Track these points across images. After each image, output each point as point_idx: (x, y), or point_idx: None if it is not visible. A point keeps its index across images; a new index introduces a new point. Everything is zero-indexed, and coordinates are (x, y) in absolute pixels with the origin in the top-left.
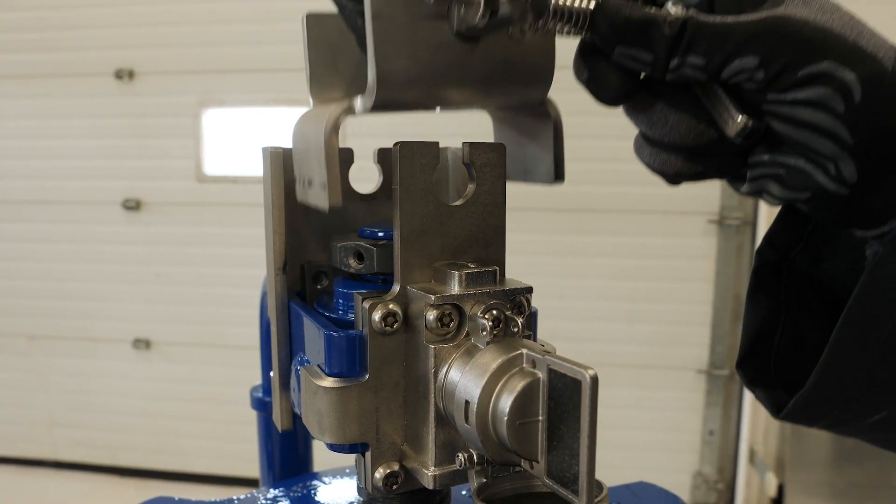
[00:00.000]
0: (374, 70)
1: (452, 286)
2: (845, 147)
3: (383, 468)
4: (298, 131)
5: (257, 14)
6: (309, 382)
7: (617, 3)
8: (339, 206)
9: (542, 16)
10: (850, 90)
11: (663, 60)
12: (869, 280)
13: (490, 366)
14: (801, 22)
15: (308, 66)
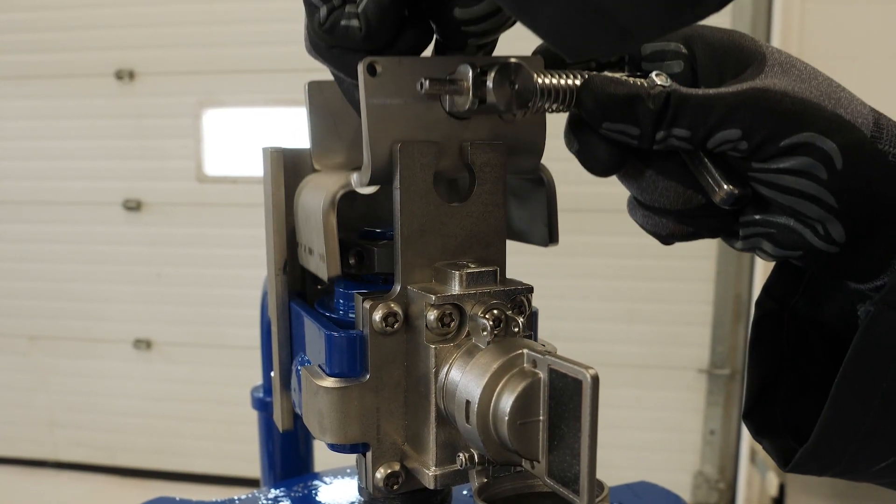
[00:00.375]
0: (368, 149)
1: (453, 286)
2: (831, 210)
3: (384, 468)
4: (302, 198)
5: (257, 15)
6: (310, 382)
7: (602, 80)
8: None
9: (527, 104)
10: (832, 158)
11: (650, 133)
12: (863, 338)
13: (491, 366)
14: (781, 93)
15: (310, 131)
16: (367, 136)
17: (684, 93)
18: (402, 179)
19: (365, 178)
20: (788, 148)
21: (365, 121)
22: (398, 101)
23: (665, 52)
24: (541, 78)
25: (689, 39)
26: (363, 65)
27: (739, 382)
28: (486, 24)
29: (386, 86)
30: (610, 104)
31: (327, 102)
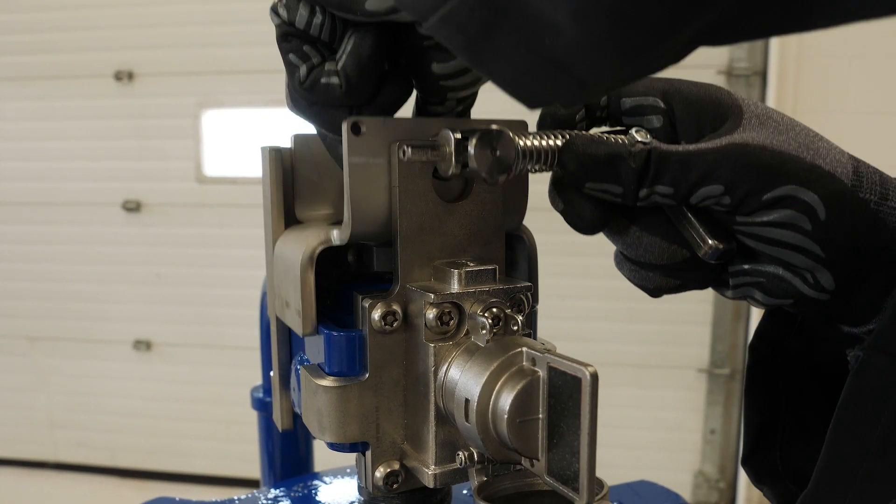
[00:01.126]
0: (349, 209)
1: (452, 284)
2: (819, 260)
3: (384, 467)
4: (281, 250)
5: (257, 15)
6: (309, 382)
7: (582, 141)
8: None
9: (509, 170)
10: (815, 209)
11: (633, 191)
12: (855, 383)
13: (490, 364)
14: (760, 147)
15: (294, 183)
16: (349, 195)
17: (665, 150)
18: (402, 179)
19: (345, 236)
20: (771, 201)
21: (347, 180)
22: (381, 161)
23: (644, 107)
24: (522, 141)
25: (666, 94)
26: (347, 124)
27: (739, 382)
28: (463, 79)
29: (369, 145)
30: (592, 164)
31: (311, 155)
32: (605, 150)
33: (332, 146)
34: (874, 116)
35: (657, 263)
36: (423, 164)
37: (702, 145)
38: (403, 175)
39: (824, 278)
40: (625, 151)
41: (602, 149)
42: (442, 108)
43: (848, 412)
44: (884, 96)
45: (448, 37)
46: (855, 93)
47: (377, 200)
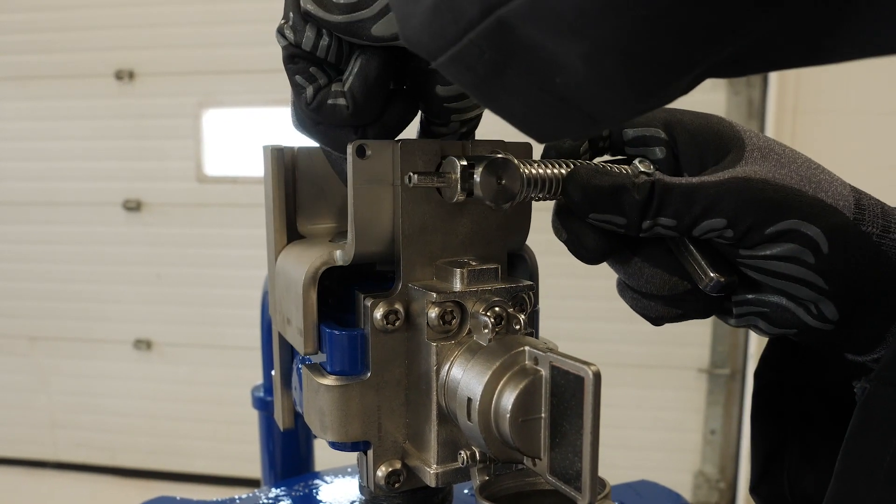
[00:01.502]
0: (353, 230)
1: (454, 283)
2: (822, 292)
3: (385, 466)
4: (283, 266)
5: (257, 15)
6: (311, 380)
7: (587, 172)
8: (314, 353)
9: (514, 199)
10: (818, 243)
11: (636, 222)
12: (862, 415)
13: (492, 363)
14: (762, 182)
15: (295, 196)
16: (353, 217)
17: (668, 182)
18: (404, 178)
19: (348, 256)
20: (774, 235)
21: (352, 201)
22: (386, 183)
23: (647, 139)
24: (527, 169)
25: (668, 125)
26: (352, 147)
27: (740, 382)
28: (467, 101)
29: (374, 168)
30: (596, 195)
31: (314, 168)
32: (609, 182)
33: (337, 163)
34: (875, 116)
35: (658, 294)
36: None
37: (705, 178)
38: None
39: (828, 310)
40: (628, 182)
41: (606, 180)
42: (446, 129)
43: (856, 443)
44: (884, 96)
45: (457, 75)
46: (856, 93)
47: (381, 222)
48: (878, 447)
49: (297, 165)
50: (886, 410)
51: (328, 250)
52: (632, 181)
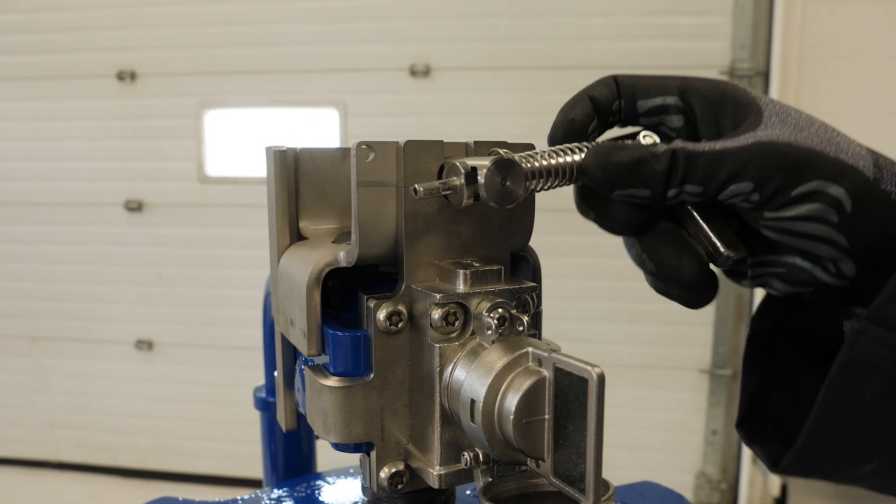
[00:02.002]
0: (356, 231)
1: (458, 285)
2: (843, 250)
3: (388, 467)
4: (286, 267)
5: (258, 16)
6: (313, 382)
7: (605, 149)
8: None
9: (517, 199)
10: (841, 202)
11: (661, 193)
12: (849, 352)
13: (496, 364)
14: (786, 145)
15: (298, 197)
16: (357, 218)
17: (693, 150)
18: (407, 178)
19: (352, 258)
20: (800, 196)
21: (355, 203)
22: (390, 185)
23: (664, 107)
24: (537, 162)
25: (684, 93)
26: (356, 147)
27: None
28: None
29: (379, 169)
30: (617, 172)
31: (318, 169)
32: (628, 156)
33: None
34: (876, 117)
35: (670, 277)
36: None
37: (728, 143)
38: (408, 176)
39: (846, 267)
40: (648, 154)
41: (625, 155)
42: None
43: (839, 378)
44: (886, 97)
45: None
46: (857, 93)
47: (385, 223)
48: (861, 382)
49: (299, 166)
50: (872, 349)
51: (332, 251)
52: (651, 152)
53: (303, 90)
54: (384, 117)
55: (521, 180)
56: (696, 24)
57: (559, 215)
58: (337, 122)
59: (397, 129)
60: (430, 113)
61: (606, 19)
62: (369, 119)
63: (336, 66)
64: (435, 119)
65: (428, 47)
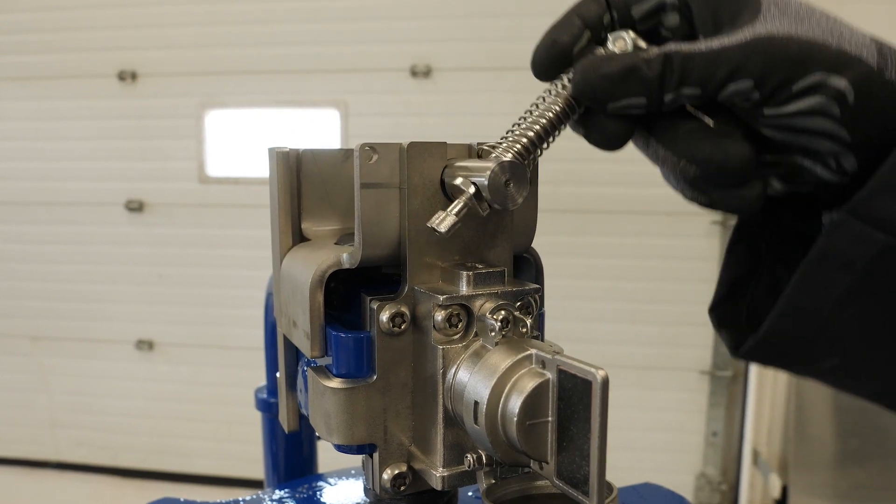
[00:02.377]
0: (360, 232)
1: (461, 286)
2: (845, 144)
3: (391, 469)
4: (289, 268)
5: (260, 16)
6: (316, 383)
7: (591, 65)
8: (321, 356)
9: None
10: (844, 94)
11: (657, 98)
12: (824, 243)
13: (499, 366)
14: (786, 38)
15: (301, 198)
16: (360, 219)
17: (688, 51)
18: (411, 179)
19: (355, 260)
20: (801, 91)
21: (359, 204)
22: (393, 187)
23: (662, 5)
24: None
25: None
26: (359, 148)
27: (742, 384)
28: None
29: (382, 171)
30: (609, 84)
31: (320, 170)
32: (618, 66)
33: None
34: None
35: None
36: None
37: (725, 41)
38: (412, 176)
39: (848, 162)
40: (639, 61)
41: (614, 65)
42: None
43: (812, 269)
44: None
45: None
46: None
47: (388, 225)
48: (833, 277)
49: (301, 167)
50: (848, 243)
51: (335, 253)
52: (642, 59)
53: (303, 90)
54: (385, 118)
55: (523, 177)
56: None
57: (560, 216)
58: (338, 123)
59: (398, 130)
60: (431, 113)
61: None
62: (370, 119)
63: (337, 66)
64: (436, 119)
65: (429, 48)
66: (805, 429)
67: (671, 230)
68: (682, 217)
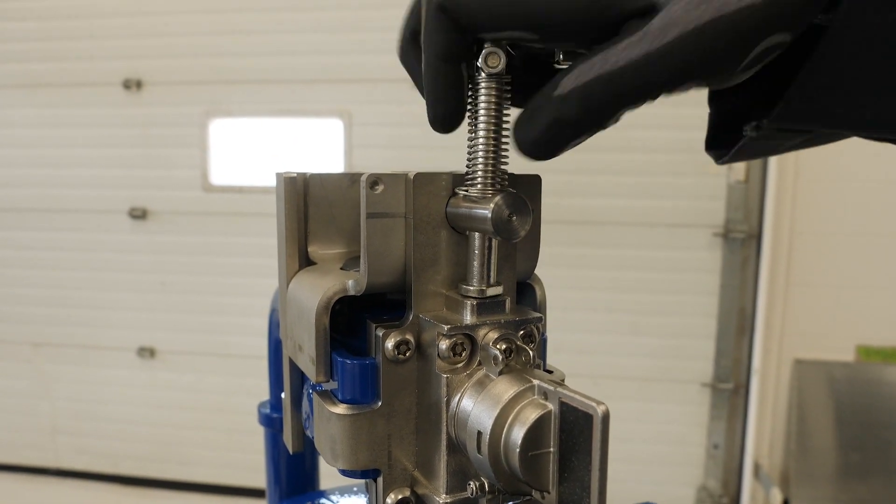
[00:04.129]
0: (366, 261)
1: (465, 315)
2: None
3: (395, 494)
4: (295, 292)
5: (264, 25)
6: (322, 409)
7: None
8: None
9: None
10: None
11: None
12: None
13: (502, 397)
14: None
15: (307, 222)
16: (366, 248)
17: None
18: (417, 209)
19: (361, 287)
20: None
21: (364, 233)
22: (399, 215)
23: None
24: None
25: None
26: (365, 179)
27: (743, 397)
28: None
29: (388, 200)
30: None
31: (326, 194)
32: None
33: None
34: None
35: None
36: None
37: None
38: (418, 206)
39: None
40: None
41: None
42: None
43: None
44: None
45: None
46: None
47: (393, 254)
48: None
49: (308, 191)
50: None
51: (340, 280)
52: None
53: (307, 100)
54: (388, 128)
55: (526, 212)
56: None
57: (562, 227)
58: (341, 133)
59: (402, 141)
60: None
61: None
62: (374, 129)
63: (341, 76)
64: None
65: None
66: (807, 442)
67: (673, 242)
68: (683, 229)
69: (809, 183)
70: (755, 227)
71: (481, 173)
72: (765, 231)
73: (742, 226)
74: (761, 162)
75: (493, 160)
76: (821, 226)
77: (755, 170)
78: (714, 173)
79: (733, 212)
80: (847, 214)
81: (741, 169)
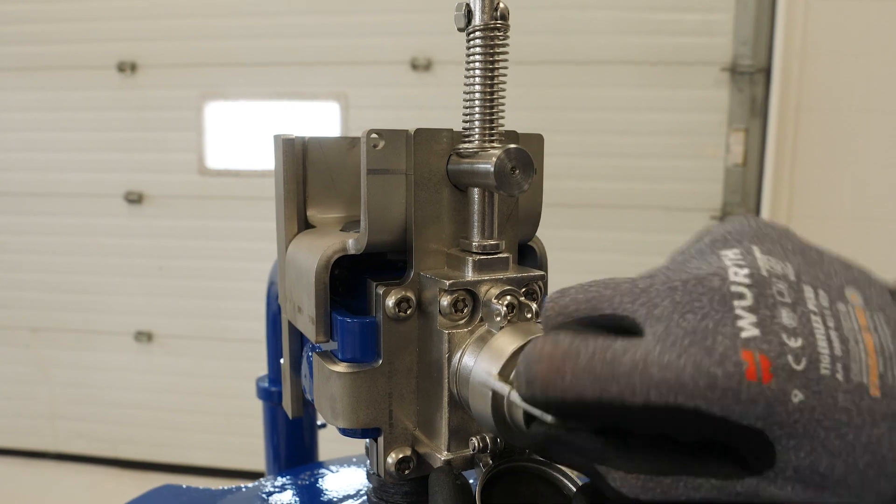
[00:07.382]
0: (366, 219)
1: (466, 272)
2: None
3: (395, 453)
4: (294, 254)
5: (260, 7)
6: (322, 368)
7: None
8: (325, 342)
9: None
10: None
11: None
12: None
13: (505, 350)
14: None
15: (306, 186)
16: (366, 206)
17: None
18: (417, 166)
19: (361, 245)
20: None
21: (365, 191)
22: (399, 173)
23: None
24: None
25: None
26: (365, 134)
27: None
28: None
29: (388, 158)
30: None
31: (325, 158)
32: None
33: None
34: (879, 115)
35: None
36: (438, 151)
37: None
38: (419, 162)
39: None
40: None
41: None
42: None
43: None
44: (889, 94)
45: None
46: (860, 91)
47: (394, 211)
48: None
49: (307, 155)
50: None
51: (340, 239)
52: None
53: (304, 83)
54: (385, 111)
55: (530, 167)
56: (699, 20)
57: (560, 210)
58: (338, 115)
59: (399, 123)
60: (431, 106)
61: (609, 13)
62: (371, 112)
63: (338, 59)
64: (436, 113)
65: (430, 41)
66: None
67: (671, 225)
68: (681, 213)
69: (807, 166)
70: (753, 210)
71: (479, 127)
72: (762, 214)
73: (739, 209)
74: (759, 145)
75: (490, 114)
76: (818, 209)
77: (753, 153)
78: (712, 156)
79: (731, 195)
80: (844, 198)
81: (739, 152)
